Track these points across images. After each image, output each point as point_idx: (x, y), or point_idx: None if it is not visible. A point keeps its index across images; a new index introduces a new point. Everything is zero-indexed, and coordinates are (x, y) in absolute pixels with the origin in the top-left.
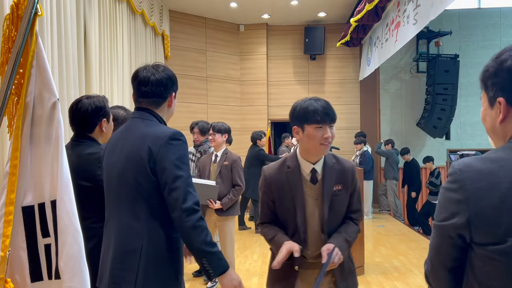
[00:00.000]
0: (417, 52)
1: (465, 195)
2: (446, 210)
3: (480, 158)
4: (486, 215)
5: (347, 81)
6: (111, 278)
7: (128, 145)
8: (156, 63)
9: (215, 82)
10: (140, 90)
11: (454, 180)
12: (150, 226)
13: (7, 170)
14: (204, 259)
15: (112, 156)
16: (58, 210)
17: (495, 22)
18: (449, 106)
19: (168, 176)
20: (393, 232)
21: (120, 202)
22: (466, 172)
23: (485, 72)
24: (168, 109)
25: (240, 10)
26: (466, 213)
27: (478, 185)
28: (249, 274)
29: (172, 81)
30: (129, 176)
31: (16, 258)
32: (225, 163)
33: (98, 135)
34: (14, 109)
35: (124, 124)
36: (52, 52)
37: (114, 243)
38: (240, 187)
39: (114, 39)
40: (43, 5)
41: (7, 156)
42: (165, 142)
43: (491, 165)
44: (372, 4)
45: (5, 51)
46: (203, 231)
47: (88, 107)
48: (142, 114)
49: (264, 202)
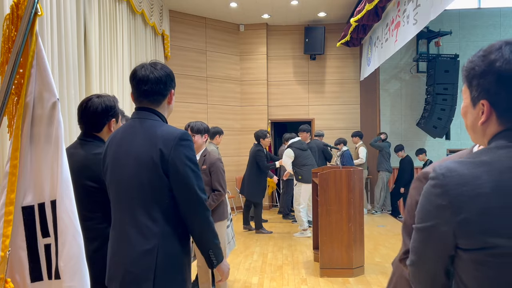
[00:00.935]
0: (417, 52)
1: (448, 200)
2: (428, 214)
3: (463, 162)
4: (470, 220)
5: (347, 81)
6: (128, 277)
7: (136, 146)
8: (153, 60)
9: (215, 82)
10: (140, 89)
11: (437, 184)
12: (165, 225)
13: (7, 170)
14: (211, 250)
15: (117, 157)
16: (58, 210)
17: (495, 22)
18: (449, 106)
19: (180, 176)
20: (393, 232)
21: (133, 203)
22: (449, 177)
23: (470, 70)
24: (168, 106)
25: (240, 10)
26: (450, 218)
27: (462, 190)
28: (249, 274)
29: (170, 78)
30: (141, 177)
31: (16, 258)
32: (203, 167)
33: (106, 135)
34: (14, 109)
35: (124, 124)
36: (52, 52)
37: (129, 243)
38: (220, 192)
39: (114, 39)
40: (43, 5)
41: (7, 156)
42: (175, 143)
43: (474, 169)
44: (372, 4)
45: (5, 51)
46: (214, 226)
47: (98, 106)
48: (144, 114)
49: None
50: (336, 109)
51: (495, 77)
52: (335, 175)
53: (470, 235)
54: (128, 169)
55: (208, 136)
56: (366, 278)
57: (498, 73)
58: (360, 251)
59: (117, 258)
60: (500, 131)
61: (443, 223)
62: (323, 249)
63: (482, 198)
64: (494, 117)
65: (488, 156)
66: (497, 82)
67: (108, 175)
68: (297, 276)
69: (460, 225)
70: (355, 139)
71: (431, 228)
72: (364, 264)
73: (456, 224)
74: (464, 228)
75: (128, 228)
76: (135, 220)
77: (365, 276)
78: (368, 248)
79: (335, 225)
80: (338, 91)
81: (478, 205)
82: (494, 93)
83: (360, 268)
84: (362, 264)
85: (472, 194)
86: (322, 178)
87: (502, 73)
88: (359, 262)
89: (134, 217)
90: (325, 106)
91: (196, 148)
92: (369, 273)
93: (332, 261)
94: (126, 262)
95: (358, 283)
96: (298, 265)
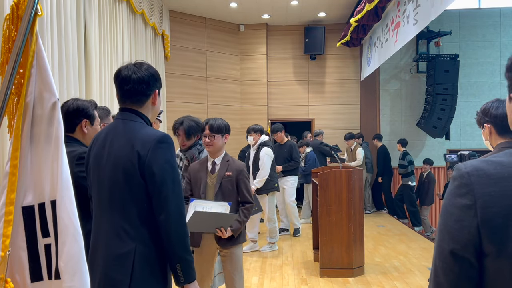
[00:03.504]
0: (417, 52)
1: (473, 200)
2: (452, 217)
3: (489, 162)
4: (494, 223)
5: (347, 81)
6: (105, 280)
7: (116, 148)
8: (138, 61)
9: (215, 82)
10: (123, 89)
11: (462, 184)
12: (143, 229)
13: (7, 170)
14: (179, 264)
15: (98, 158)
16: (58, 210)
17: (495, 22)
18: (449, 106)
19: (156, 180)
20: (393, 232)
21: (112, 205)
22: (474, 175)
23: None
24: (153, 107)
25: (240, 10)
26: (474, 219)
27: (488, 190)
28: (249, 274)
29: (154, 78)
30: (119, 180)
31: (16, 258)
32: (227, 174)
33: (80, 135)
34: (14, 109)
35: (108, 125)
36: (52, 52)
37: (106, 246)
38: (251, 204)
39: (114, 39)
40: (43, 5)
41: (7, 156)
42: (153, 145)
43: (502, 169)
44: (372, 4)
45: (5, 51)
46: (186, 237)
47: (69, 106)
48: (127, 115)
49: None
50: (336, 109)
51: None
52: (335, 175)
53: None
54: (107, 170)
55: (228, 137)
56: (366, 278)
57: None
58: (360, 251)
59: (93, 259)
60: None
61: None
62: (323, 249)
63: (508, 201)
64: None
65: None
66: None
67: (90, 175)
68: (297, 276)
69: (483, 227)
70: (350, 141)
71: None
72: (364, 264)
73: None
74: (487, 231)
75: (106, 230)
76: (112, 223)
77: (365, 276)
78: (368, 248)
79: (335, 225)
80: (338, 91)
81: (504, 208)
82: None
83: (360, 268)
84: (362, 264)
85: (499, 195)
86: (322, 178)
87: None
88: (359, 262)
89: (112, 220)
90: (325, 106)
91: (215, 151)
92: (369, 273)
93: (332, 261)
94: (102, 265)
95: (358, 283)
96: (298, 265)
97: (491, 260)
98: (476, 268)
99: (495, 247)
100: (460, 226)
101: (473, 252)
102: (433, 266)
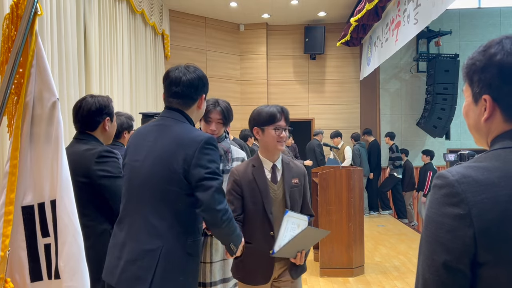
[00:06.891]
0: (417, 52)
1: (467, 209)
2: (443, 227)
3: (474, 167)
4: (491, 231)
5: (347, 80)
6: (125, 273)
7: (160, 145)
8: (188, 64)
9: (215, 82)
10: (171, 90)
11: (453, 193)
12: (173, 229)
13: (7, 169)
14: (232, 243)
15: (138, 153)
16: (58, 210)
17: (495, 21)
18: (449, 106)
19: (202, 181)
20: (393, 232)
21: (145, 201)
22: (465, 183)
23: (471, 66)
24: (198, 111)
25: (240, 10)
26: (470, 229)
27: (481, 198)
28: None
29: (203, 82)
30: (159, 176)
31: (16, 258)
32: (295, 182)
33: (100, 134)
34: (14, 109)
35: (152, 122)
36: (52, 52)
37: (132, 240)
38: (313, 217)
39: (114, 39)
40: (43, 5)
41: (7, 155)
42: (200, 146)
43: (490, 175)
44: (372, 3)
45: (4, 51)
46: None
47: (92, 105)
48: (173, 114)
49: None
50: (336, 109)
51: (497, 70)
52: (335, 175)
53: (489, 247)
54: (146, 167)
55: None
56: (366, 277)
57: (499, 66)
58: (360, 251)
59: (119, 253)
60: (506, 131)
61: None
62: (323, 249)
63: (500, 207)
64: (498, 113)
65: (500, 161)
66: (498, 75)
67: (126, 167)
68: None
69: (479, 235)
70: (336, 139)
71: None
72: (364, 264)
73: (476, 235)
74: (483, 239)
75: (135, 225)
76: (144, 218)
77: (365, 275)
78: (368, 248)
79: (335, 225)
80: (338, 90)
81: (497, 214)
82: (496, 87)
83: (360, 268)
84: (362, 264)
85: (491, 202)
86: (322, 178)
87: (503, 66)
88: (359, 262)
89: (144, 215)
90: (325, 106)
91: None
92: (369, 272)
93: (332, 261)
94: (127, 259)
95: (358, 283)
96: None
97: (487, 269)
98: (469, 278)
99: (493, 255)
100: (454, 236)
101: (467, 262)
102: (422, 279)
